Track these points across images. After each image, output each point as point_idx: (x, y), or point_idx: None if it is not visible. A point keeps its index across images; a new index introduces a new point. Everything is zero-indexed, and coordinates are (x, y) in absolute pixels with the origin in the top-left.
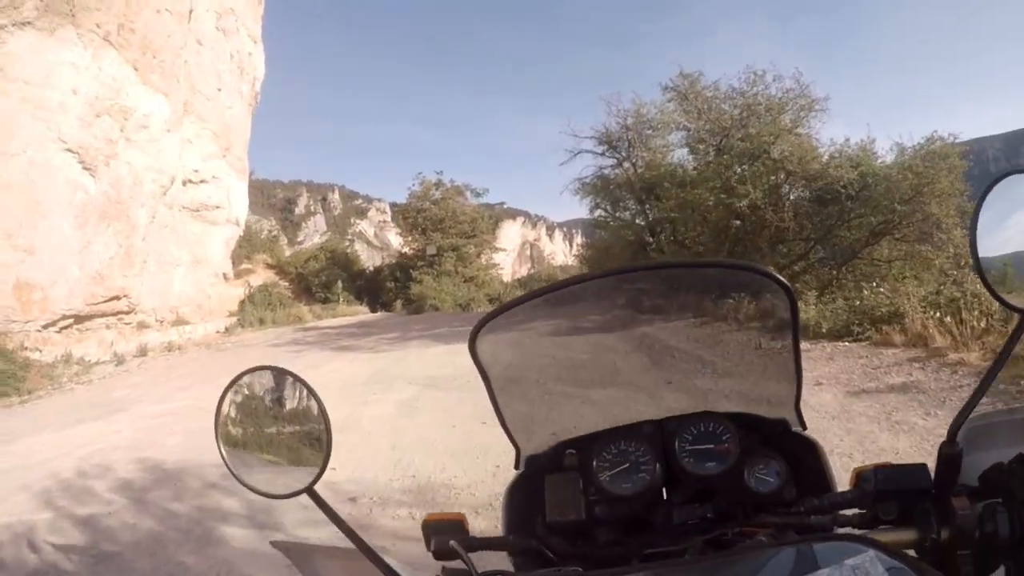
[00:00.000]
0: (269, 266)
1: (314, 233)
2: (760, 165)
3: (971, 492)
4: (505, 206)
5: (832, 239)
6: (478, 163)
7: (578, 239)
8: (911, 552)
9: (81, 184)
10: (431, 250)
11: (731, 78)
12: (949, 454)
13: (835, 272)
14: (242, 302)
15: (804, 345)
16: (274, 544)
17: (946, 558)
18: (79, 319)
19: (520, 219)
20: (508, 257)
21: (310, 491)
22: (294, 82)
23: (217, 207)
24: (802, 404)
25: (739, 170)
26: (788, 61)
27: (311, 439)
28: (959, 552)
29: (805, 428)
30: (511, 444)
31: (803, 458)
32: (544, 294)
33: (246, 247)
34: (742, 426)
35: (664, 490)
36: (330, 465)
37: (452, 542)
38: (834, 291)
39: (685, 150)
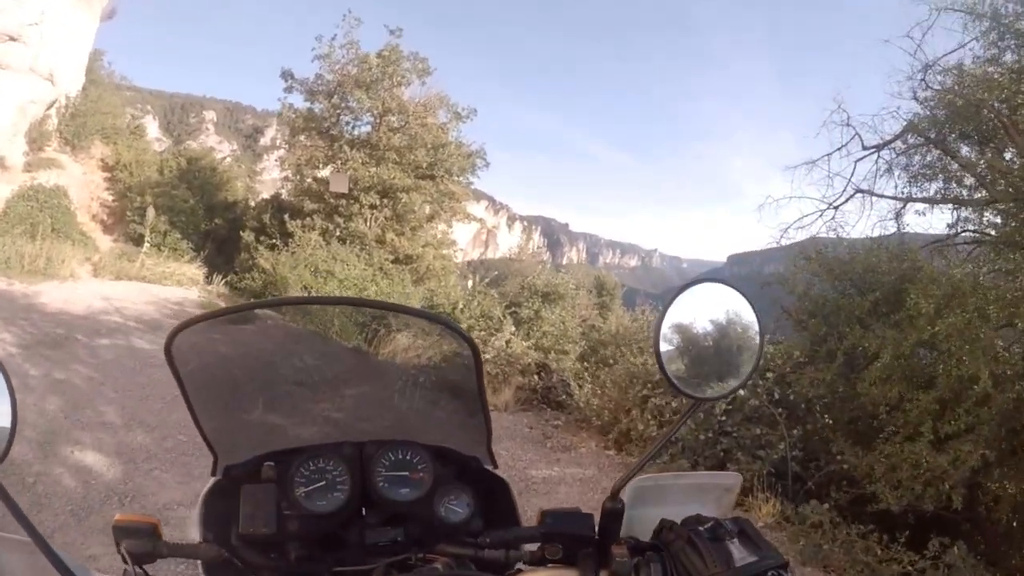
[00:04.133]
0: (107, 167)
1: (275, 168)
2: None
3: (637, 543)
4: (472, 186)
5: None
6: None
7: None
8: None
9: None
10: (338, 185)
11: None
12: (611, 508)
13: None
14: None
15: None
16: None
17: None
18: None
19: (484, 203)
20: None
21: None
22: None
23: (7, 38)
24: None
25: None
26: None
27: None
28: None
29: (496, 467)
30: (208, 450)
31: (494, 494)
32: (254, 308)
33: (72, 126)
34: (439, 459)
35: (364, 511)
36: None
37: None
38: None
39: None
